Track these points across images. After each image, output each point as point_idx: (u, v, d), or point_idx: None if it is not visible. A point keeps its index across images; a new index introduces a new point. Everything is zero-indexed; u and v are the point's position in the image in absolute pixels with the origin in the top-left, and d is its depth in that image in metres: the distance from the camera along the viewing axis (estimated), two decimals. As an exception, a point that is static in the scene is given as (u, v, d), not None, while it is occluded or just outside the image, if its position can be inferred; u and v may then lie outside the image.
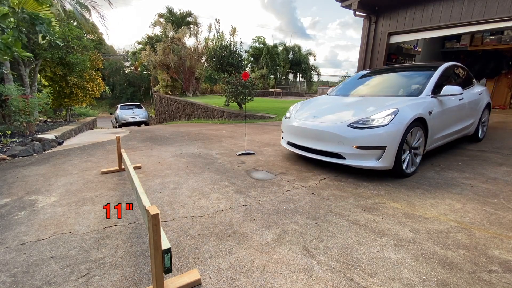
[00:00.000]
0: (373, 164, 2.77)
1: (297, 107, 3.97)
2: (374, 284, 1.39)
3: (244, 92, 9.36)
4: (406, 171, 2.96)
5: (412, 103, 3.02)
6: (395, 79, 4.12)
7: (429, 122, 3.09)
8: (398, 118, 2.75)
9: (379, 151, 2.74)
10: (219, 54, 13.25)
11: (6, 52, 3.59)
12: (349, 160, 2.86)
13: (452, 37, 9.79)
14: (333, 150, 2.95)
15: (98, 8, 10.74)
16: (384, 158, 2.75)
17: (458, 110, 3.74)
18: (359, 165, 2.83)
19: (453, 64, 4.10)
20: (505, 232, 1.88)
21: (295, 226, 1.98)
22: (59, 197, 2.55)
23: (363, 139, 2.75)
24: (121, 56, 34.15)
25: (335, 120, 3.08)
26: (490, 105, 4.81)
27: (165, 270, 1.22)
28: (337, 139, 2.89)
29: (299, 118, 3.51)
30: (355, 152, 2.80)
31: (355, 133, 2.79)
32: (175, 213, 2.19)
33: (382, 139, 2.70)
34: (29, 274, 1.49)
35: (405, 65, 4.42)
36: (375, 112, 2.89)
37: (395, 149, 2.73)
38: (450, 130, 3.67)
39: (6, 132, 5.19)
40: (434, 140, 3.38)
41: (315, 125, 3.16)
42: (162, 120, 17.39)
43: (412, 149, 3.01)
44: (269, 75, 25.10)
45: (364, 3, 8.23)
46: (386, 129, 2.70)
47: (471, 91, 4.22)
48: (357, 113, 3.00)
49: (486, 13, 6.40)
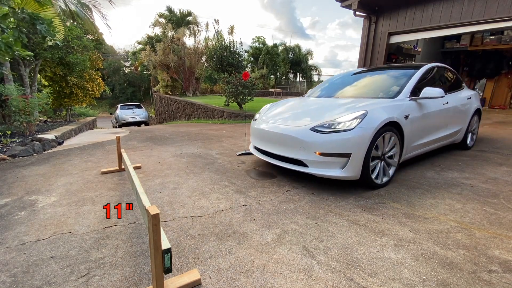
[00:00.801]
0: (337, 173, 2.46)
1: (266, 108, 3.70)
2: (374, 284, 1.39)
3: (244, 92, 9.36)
4: (377, 182, 2.64)
5: (385, 106, 2.72)
6: (375, 80, 3.82)
7: (405, 127, 2.79)
8: (366, 122, 2.45)
9: (344, 159, 2.43)
10: (219, 54, 13.25)
11: (7, 52, 3.59)
12: (311, 168, 2.55)
13: (452, 37, 9.79)
14: (295, 156, 2.63)
15: (100, 7, 10.73)
16: (349, 167, 2.43)
17: (441, 115, 3.45)
18: (322, 174, 2.51)
19: (437, 65, 3.81)
20: (505, 232, 1.88)
21: (295, 226, 1.98)
22: (59, 197, 2.55)
23: (326, 144, 2.44)
24: (121, 56, 34.15)
25: (299, 123, 2.77)
26: (480, 111, 4.45)
27: (165, 270, 1.22)
28: (299, 144, 2.58)
29: (264, 120, 3.21)
30: (318, 160, 2.48)
31: (317, 137, 2.49)
32: (175, 213, 2.19)
33: (347, 145, 2.39)
34: (29, 274, 1.49)
35: (390, 65, 4.11)
36: (342, 115, 2.59)
37: (361, 156, 2.43)
38: (432, 136, 3.35)
39: (6, 132, 5.19)
40: (413, 148, 3.07)
41: (278, 129, 2.86)
42: (162, 120, 17.39)
43: (384, 157, 2.71)
44: (269, 75, 25.10)
45: (364, 3, 8.23)
46: (351, 134, 2.39)
47: (459, 95, 3.91)
48: (323, 116, 2.71)
49: (486, 13, 6.40)
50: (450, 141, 3.83)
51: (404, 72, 3.49)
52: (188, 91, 18.25)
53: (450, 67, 4.07)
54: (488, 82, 9.98)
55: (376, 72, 4.00)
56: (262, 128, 3.09)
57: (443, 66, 3.93)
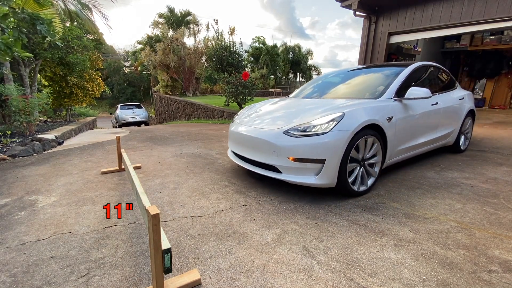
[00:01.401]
0: (311, 180, 2.27)
1: (245, 109, 3.52)
2: (374, 284, 1.39)
3: (244, 92, 9.36)
4: (355, 189, 2.45)
5: (366, 107, 2.53)
6: (362, 79, 3.61)
7: (388, 130, 2.59)
8: (342, 125, 2.26)
9: (318, 165, 2.25)
10: (219, 54, 13.25)
11: (6, 52, 3.60)
12: (284, 175, 2.38)
13: (452, 37, 9.79)
14: (268, 161, 2.45)
15: (100, 7, 10.73)
16: (324, 174, 2.25)
17: (430, 117, 3.26)
18: (295, 181, 2.34)
19: (427, 64, 3.61)
20: (505, 232, 1.88)
21: (295, 226, 1.98)
22: (59, 197, 2.55)
23: (299, 149, 2.26)
24: (121, 56, 34.15)
25: (274, 125, 2.59)
26: (474, 112, 4.25)
27: (165, 270, 1.22)
28: (271, 148, 2.40)
29: (239, 123, 3.01)
30: (292, 165, 2.31)
31: (290, 141, 2.30)
32: (175, 213, 2.19)
33: (321, 150, 2.21)
34: (29, 274, 1.49)
35: (379, 64, 3.92)
36: (318, 117, 2.42)
37: (337, 162, 2.24)
38: (420, 140, 3.16)
39: (6, 132, 5.19)
40: (398, 152, 2.88)
41: (251, 131, 2.68)
42: (162, 120, 17.39)
43: (364, 162, 2.53)
44: (269, 75, 25.10)
45: (364, 3, 8.23)
46: (325, 138, 2.21)
47: (450, 95, 3.72)
48: (300, 118, 2.53)
49: (486, 13, 6.40)
50: (441, 144, 3.66)
51: (393, 71, 3.27)
52: (188, 91, 18.25)
53: (441, 65, 3.91)
54: (488, 82, 9.98)
55: (365, 71, 3.83)
56: (236, 131, 2.90)
57: (433, 65, 3.74)
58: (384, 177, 3.02)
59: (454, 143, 3.90)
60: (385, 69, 3.51)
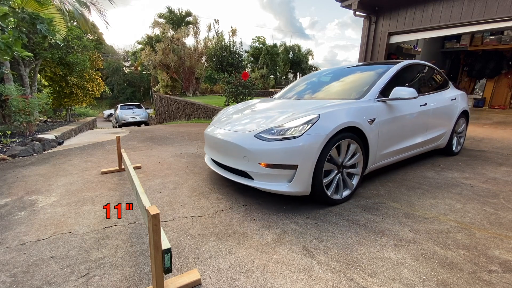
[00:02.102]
0: (283, 188, 2.11)
1: (225, 110, 3.36)
2: (374, 284, 1.39)
3: (244, 92, 9.36)
4: (333, 197, 2.28)
5: (345, 109, 2.36)
6: (348, 79, 3.41)
7: (370, 133, 2.43)
8: (316, 128, 2.09)
9: (290, 171, 2.08)
10: (219, 54, 13.26)
11: (7, 52, 3.60)
12: (256, 182, 2.22)
13: (452, 37, 9.80)
14: (240, 167, 2.30)
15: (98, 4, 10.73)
16: (296, 181, 2.08)
17: (418, 118, 3.09)
18: (267, 189, 2.16)
19: (416, 63, 3.44)
20: (505, 232, 1.88)
21: (295, 226, 1.98)
22: (59, 197, 2.55)
23: (270, 154, 2.08)
24: (121, 56, 34.15)
25: (246, 128, 2.42)
26: (468, 113, 4.05)
27: (165, 270, 1.22)
28: (242, 152, 2.23)
29: (215, 124, 2.85)
30: (264, 172, 2.14)
31: (261, 146, 2.13)
32: (175, 213, 2.19)
33: (293, 155, 2.04)
34: (29, 274, 1.49)
35: (368, 63, 3.78)
36: (291, 119, 2.24)
37: (310, 168, 2.07)
38: (408, 143, 3.00)
39: (6, 132, 5.19)
40: (382, 156, 2.72)
41: (224, 135, 2.51)
42: (162, 120, 17.39)
43: (343, 168, 2.35)
44: (269, 75, 25.11)
45: (364, 3, 8.24)
46: (298, 142, 2.04)
47: (441, 95, 3.55)
48: (274, 120, 2.35)
49: (486, 13, 6.40)
50: (432, 146, 3.50)
51: (379, 70, 3.08)
52: (188, 91, 18.26)
53: (432, 64, 3.76)
54: (488, 82, 9.98)
55: (352, 70, 3.62)
56: (210, 134, 2.73)
57: (423, 64, 3.59)
58: (384, 177, 3.02)
59: (447, 145, 3.75)
60: (372, 68, 3.31)
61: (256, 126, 2.36)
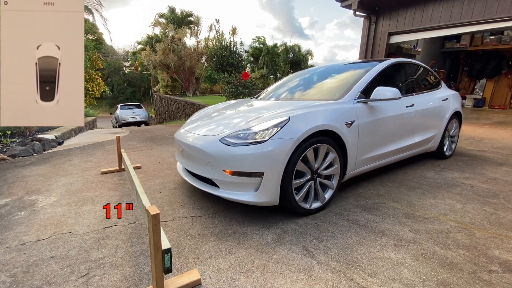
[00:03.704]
0: (248, 198, 1.94)
1: (198, 112, 3.19)
2: (374, 284, 1.39)
3: (244, 92, 9.37)
4: (306, 207, 2.10)
5: (319, 111, 2.18)
6: (332, 79, 3.23)
7: (348, 136, 2.24)
8: (285, 132, 1.92)
9: (256, 179, 1.90)
10: (219, 54, 13.27)
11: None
12: (222, 190, 2.05)
13: (452, 37, 9.80)
14: (205, 174, 2.13)
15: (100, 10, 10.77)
16: (263, 190, 1.90)
17: (405, 120, 2.92)
18: (233, 198, 1.99)
19: (404, 61, 3.26)
20: (505, 232, 1.88)
21: (295, 226, 1.98)
22: (59, 197, 2.55)
23: (234, 160, 1.91)
24: (121, 56, 34.15)
25: (213, 131, 2.23)
26: (460, 114, 3.85)
27: (165, 270, 1.22)
28: (206, 158, 2.05)
29: (186, 127, 2.64)
30: (229, 180, 1.96)
31: (226, 151, 1.95)
32: (175, 213, 2.19)
33: (258, 161, 1.86)
34: (29, 274, 1.49)
35: (355, 61, 3.54)
36: (260, 122, 2.07)
37: (278, 176, 1.89)
38: (393, 146, 2.81)
39: (6, 132, 5.19)
40: (364, 161, 2.53)
41: (189, 138, 2.33)
42: (162, 120, 17.39)
43: (317, 175, 2.16)
44: (269, 75, 25.10)
45: (364, 3, 8.24)
46: (264, 148, 1.86)
47: (431, 96, 3.38)
48: (244, 123, 2.15)
49: (486, 13, 6.41)
50: (421, 149, 3.34)
51: (365, 69, 2.87)
52: (188, 91, 18.26)
53: (422, 63, 3.62)
54: (488, 82, 9.98)
55: (338, 69, 3.45)
56: (177, 138, 2.57)
57: (412, 62, 3.40)
58: (384, 177, 3.02)
59: (438, 148, 3.57)
60: (358, 67, 3.12)
61: (223, 129, 2.18)
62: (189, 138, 2.34)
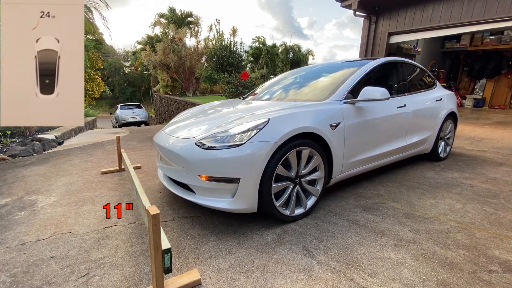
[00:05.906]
0: (224, 205, 1.83)
1: (181, 113, 3.07)
2: (374, 284, 1.39)
3: (244, 92, 9.36)
4: (287, 213, 1.99)
5: (301, 112, 2.07)
6: (323, 78, 3.09)
7: (333, 139, 2.12)
8: (263, 135, 1.80)
9: (233, 185, 1.79)
10: (219, 54, 13.27)
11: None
12: (197, 196, 1.93)
13: (452, 37, 9.80)
14: (180, 179, 2.01)
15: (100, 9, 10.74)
16: (240, 196, 1.79)
17: (396, 122, 2.81)
18: (209, 205, 1.87)
19: (396, 61, 3.14)
20: (505, 232, 1.88)
21: (295, 226, 1.98)
22: (59, 197, 2.55)
23: (210, 165, 1.80)
24: (121, 56, 34.15)
25: (189, 134, 2.11)
26: (456, 115, 3.75)
27: (165, 270, 1.23)
28: (181, 162, 1.94)
29: (165, 129, 2.52)
30: (204, 185, 1.85)
31: (201, 155, 1.83)
32: (175, 213, 2.19)
33: (234, 166, 1.75)
34: (29, 274, 1.49)
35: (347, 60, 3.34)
36: (238, 124, 1.95)
37: (255, 181, 1.78)
38: (383, 149, 2.69)
39: (6, 132, 5.19)
40: (351, 165, 2.41)
41: (166, 141, 2.20)
42: (162, 120, 17.38)
43: (300, 180, 2.04)
44: (269, 75, 25.07)
45: (364, 3, 8.24)
46: (240, 152, 1.75)
47: (424, 96, 3.27)
48: (220, 125, 2.04)
49: (486, 13, 6.41)
50: (415, 151, 3.23)
51: (354, 68, 2.75)
52: (188, 91, 18.25)
53: (416, 63, 3.53)
54: (488, 82, 9.98)
55: (329, 68, 3.32)
56: (155, 140, 2.45)
57: (405, 62, 3.26)
58: (384, 177, 3.02)
59: (432, 150, 3.46)
60: (348, 66, 3.00)
61: (200, 132, 2.06)
62: (166, 140, 2.21)
